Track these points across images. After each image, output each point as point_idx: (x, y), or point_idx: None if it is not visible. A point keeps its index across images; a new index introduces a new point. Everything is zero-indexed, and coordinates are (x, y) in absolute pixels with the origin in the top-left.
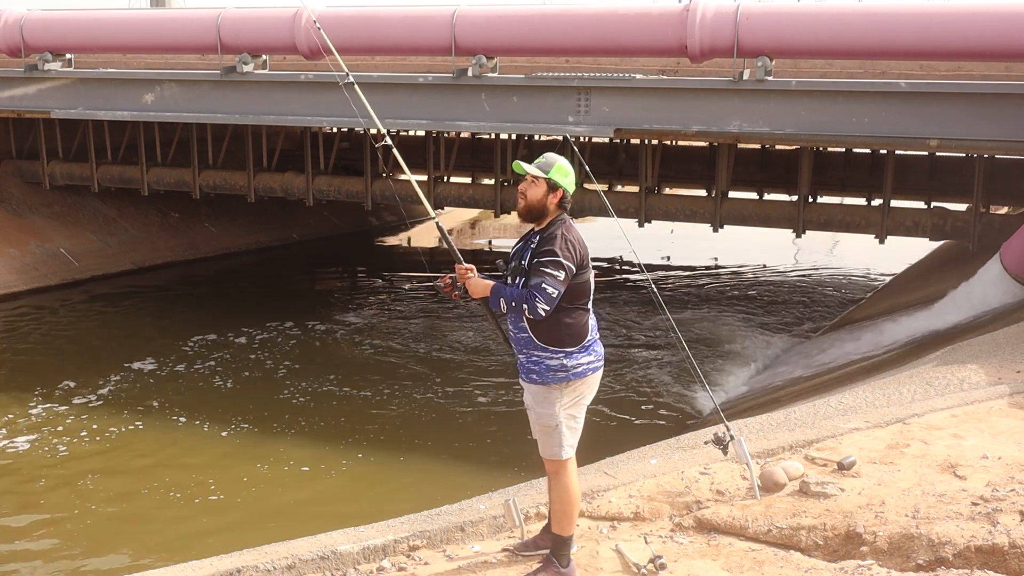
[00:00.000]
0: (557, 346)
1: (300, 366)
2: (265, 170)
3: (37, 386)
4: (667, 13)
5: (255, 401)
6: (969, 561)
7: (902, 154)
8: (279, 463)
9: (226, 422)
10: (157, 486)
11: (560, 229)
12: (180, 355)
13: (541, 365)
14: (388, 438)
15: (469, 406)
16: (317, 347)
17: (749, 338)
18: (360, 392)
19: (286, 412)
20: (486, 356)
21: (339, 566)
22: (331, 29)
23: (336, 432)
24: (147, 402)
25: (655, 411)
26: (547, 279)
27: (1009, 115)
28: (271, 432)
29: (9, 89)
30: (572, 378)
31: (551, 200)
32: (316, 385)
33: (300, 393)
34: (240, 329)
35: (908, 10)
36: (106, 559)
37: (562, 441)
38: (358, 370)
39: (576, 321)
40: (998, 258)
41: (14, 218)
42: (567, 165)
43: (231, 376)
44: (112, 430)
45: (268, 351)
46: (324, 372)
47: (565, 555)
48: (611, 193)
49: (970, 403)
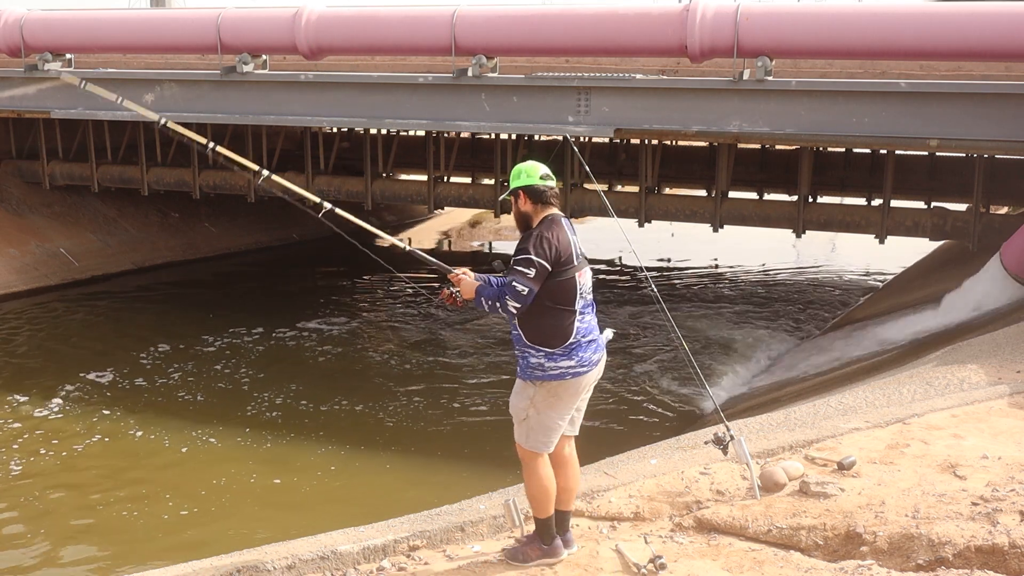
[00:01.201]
0: (540, 345)
1: (300, 366)
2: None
3: (38, 386)
4: (667, 13)
5: (255, 402)
6: (969, 561)
7: (902, 154)
8: (280, 463)
9: (227, 423)
10: (158, 487)
11: (541, 228)
12: (180, 355)
13: (524, 361)
14: (388, 438)
15: (469, 406)
16: (317, 347)
17: (749, 338)
18: (360, 392)
19: (286, 412)
20: (486, 356)
21: (339, 566)
22: (331, 29)
23: (336, 432)
24: (147, 403)
25: (655, 411)
26: (518, 277)
27: (1009, 115)
28: (271, 432)
29: (9, 89)
30: (547, 379)
31: (523, 206)
32: (316, 385)
33: (300, 393)
34: (240, 330)
35: (908, 10)
36: (106, 561)
37: (528, 435)
38: (358, 370)
39: (559, 322)
40: (998, 258)
41: (14, 218)
42: (521, 165)
43: (232, 376)
44: (112, 430)
45: (268, 352)
46: (324, 372)
47: (548, 533)
48: (611, 193)
49: (970, 403)
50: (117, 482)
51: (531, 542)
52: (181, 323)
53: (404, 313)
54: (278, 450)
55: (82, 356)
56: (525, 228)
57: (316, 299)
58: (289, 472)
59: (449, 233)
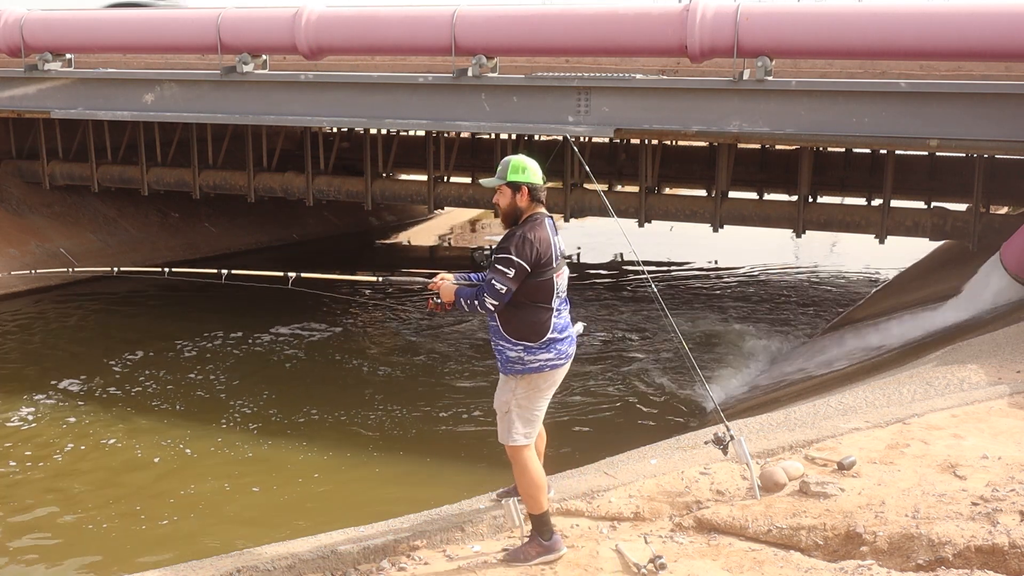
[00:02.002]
0: (518, 339)
1: (301, 367)
2: (265, 170)
3: (40, 385)
4: (667, 13)
5: (255, 403)
6: (969, 561)
7: (902, 154)
8: (280, 463)
9: (227, 425)
10: (159, 487)
11: (525, 228)
12: (178, 356)
13: (503, 355)
14: (388, 438)
15: (469, 406)
16: (317, 348)
17: (749, 338)
18: (360, 393)
19: (286, 412)
20: (486, 356)
21: (339, 566)
22: (331, 29)
23: (335, 433)
24: (148, 403)
25: (655, 411)
26: (497, 276)
27: (1009, 115)
28: (271, 433)
29: (9, 89)
30: (527, 372)
31: (520, 200)
32: (316, 386)
33: (300, 394)
34: (240, 330)
35: (908, 10)
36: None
37: (512, 428)
38: (358, 371)
39: (537, 319)
40: (998, 258)
41: (14, 218)
42: (523, 160)
43: (230, 378)
44: (110, 431)
45: (268, 353)
46: (323, 373)
47: (546, 530)
48: (611, 193)
49: (970, 403)
50: (107, 488)
51: (531, 541)
52: (182, 324)
53: (395, 318)
54: (280, 450)
55: (82, 355)
56: (512, 222)
57: (316, 299)
58: (289, 472)
59: (449, 232)
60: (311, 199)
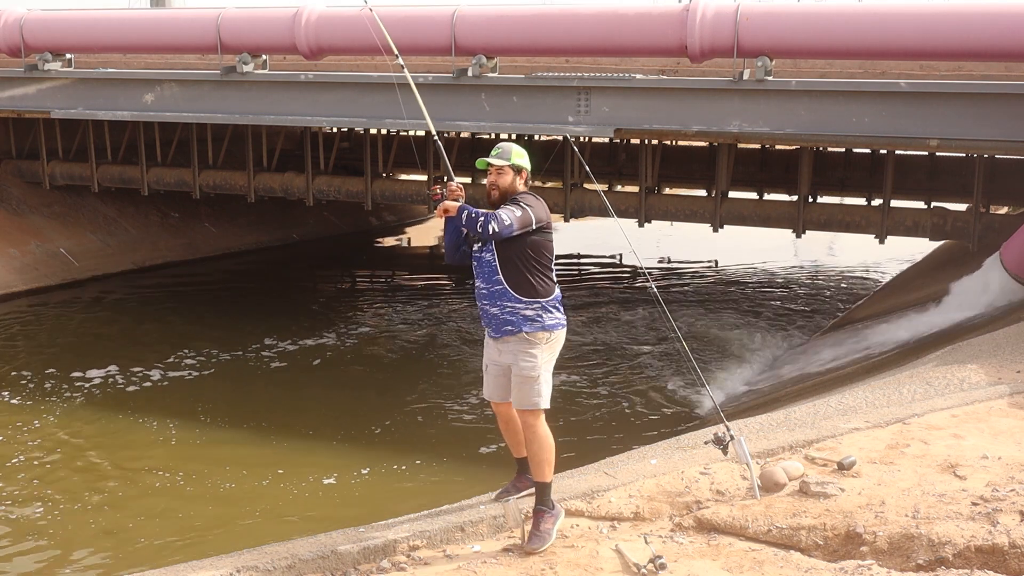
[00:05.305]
0: (531, 297)
1: (301, 367)
2: (265, 170)
3: (40, 385)
4: (667, 13)
5: (255, 403)
6: (969, 561)
7: (902, 154)
8: (280, 463)
9: (229, 426)
10: (158, 487)
11: (524, 196)
12: (179, 356)
13: (518, 316)
14: (388, 438)
15: (469, 406)
16: (317, 348)
17: (749, 338)
18: (360, 393)
19: (286, 413)
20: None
21: (339, 566)
22: (331, 29)
23: (335, 433)
24: (148, 403)
25: (655, 411)
26: (505, 211)
27: (1009, 115)
28: (271, 433)
29: (9, 89)
30: (548, 328)
31: (519, 183)
32: (316, 386)
33: (300, 394)
34: (240, 330)
35: (908, 10)
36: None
37: (539, 391)
38: (358, 371)
39: (544, 278)
40: (998, 258)
41: (14, 218)
42: (521, 148)
43: (229, 378)
44: (109, 430)
45: (267, 353)
46: (323, 373)
47: (550, 498)
48: (611, 193)
49: (970, 403)
50: (107, 488)
51: (540, 518)
52: (181, 324)
53: (404, 312)
54: (280, 450)
55: (82, 355)
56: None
57: (316, 300)
58: (290, 472)
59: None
60: (311, 199)
